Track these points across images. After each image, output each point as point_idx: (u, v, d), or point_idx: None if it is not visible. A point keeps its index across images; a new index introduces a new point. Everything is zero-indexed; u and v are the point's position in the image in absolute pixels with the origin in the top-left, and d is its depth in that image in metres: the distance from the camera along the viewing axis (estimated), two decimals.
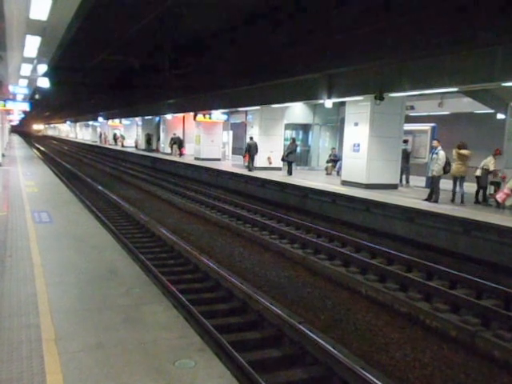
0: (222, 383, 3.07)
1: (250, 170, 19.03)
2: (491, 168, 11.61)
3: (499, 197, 11.20)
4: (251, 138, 19.98)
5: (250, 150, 19.42)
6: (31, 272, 5.15)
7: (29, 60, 12.95)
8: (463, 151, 11.84)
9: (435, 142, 12.17)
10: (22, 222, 7.82)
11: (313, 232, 10.93)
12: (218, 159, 25.50)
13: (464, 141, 12.28)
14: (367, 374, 4.35)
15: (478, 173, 11.80)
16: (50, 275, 5.09)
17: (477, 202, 11.77)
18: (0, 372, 3.09)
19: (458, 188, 12.15)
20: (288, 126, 21.71)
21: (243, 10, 12.96)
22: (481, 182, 11.81)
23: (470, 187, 12.61)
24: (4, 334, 3.66)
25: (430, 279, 7.69)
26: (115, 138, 44.90)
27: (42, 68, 15.04)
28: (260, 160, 19.91)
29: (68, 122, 68.54)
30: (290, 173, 17.98)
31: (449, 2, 9.30)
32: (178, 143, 29.14)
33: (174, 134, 30.35)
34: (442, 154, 11.81)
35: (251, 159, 19.41)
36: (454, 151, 12.04)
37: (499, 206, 11.15)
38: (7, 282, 4.81)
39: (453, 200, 12.04)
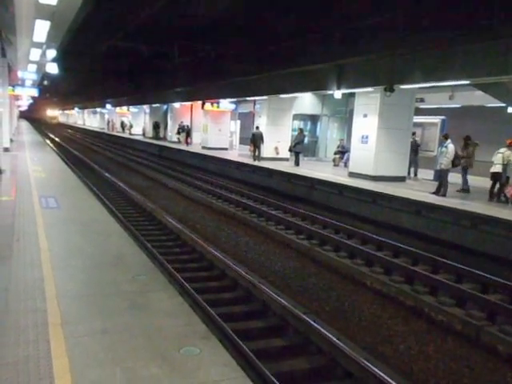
0: (226, 371, 3.08)
1: (255, 160, 18.95)
2: None
3: (507, 191, 11.10)
4: (257, 128, 19.86)
5: (255, 140, 19.33)
6: (38, 257, 5.19)
7: (38, 45, 12.93)
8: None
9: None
10: (30, 207, 7.87)
11: (319, 223, 10.90)
12: (226, 149, 25.45)
13: (470, 134, 12.59)
14: (371, 366, 4.35)
15: (499, 169, 11.12)
16: (57, 260, 5.12)
17: (491, 198, 11.37)
18: (7, 355, 3.12)
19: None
20: (296, 117, 21.59)
21: None
22: (503, 178, 11.22)
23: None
24: (11, 317, 3.69)
25: (435, 272, 7.66)
26: (123, 126, 44.97)
27: (51, 53, 15.02)
28: (267, 150, 19.83)
29: (76, 109, 68.62)
30: (297, 163, 17.91)
31: None
32: (187, 131, 29.14)
33: (182, 122, 30.35)
34: (451, 147, 11.72)
35: (257, 149, 19.32)
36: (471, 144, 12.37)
37: (508, 200, 11.05)
38: (15, 266, 4.85)
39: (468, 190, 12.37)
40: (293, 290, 7.03)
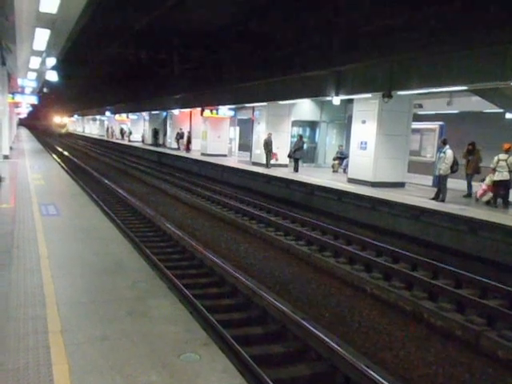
0: (226, 377, 3.09)
1: (267, 167, 18.82)
2: None
3: (478, 192, 11.59)
4: (269, 135, 19.45)
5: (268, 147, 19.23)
6: (38, 264, 5.19)
7: (38, 53, 13.00)
8: None
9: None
10: (29, 214, 7.88)
11: (318, 229, 10.91)
12: (225, 155, 25.51)
13: (469, 140, 12.65)
14: (371, 372, 4.35)
15: (506, 176, 10.93)
16: (57, 267, 5.13)
17: (495, 203, 11.35)
18: (7, 362, 3.12)
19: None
20: (295, 123, 21.63)
21: (251, 5, 12.92)
22: (509, 185, 11.13)
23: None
24: (11, 324, 3.69)
25: (435, 278, 7.67)
26: (122, 133, 45.11)
27: (51, 61, 15.10)
28: (265, 156, 19.82)
29: (75, 116, 68.63)
30: (296, 170, 17.93)
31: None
32: (186, 139, 29.20)
33: (180, 129, 30.46)
34: (449, 153, 11.75)
35: (267, 156, 19.28)
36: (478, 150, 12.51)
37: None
38: (14, 273, 4.85)
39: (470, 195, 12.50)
40: (292, 296, 7.03)
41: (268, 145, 19.09)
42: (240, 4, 12.96)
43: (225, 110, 24.72)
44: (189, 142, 28.93)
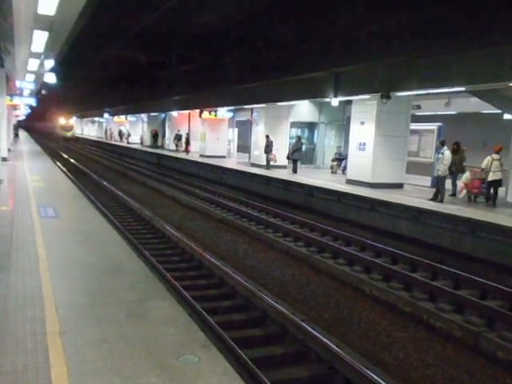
0: (225, 379, 3.08)
1: (267, 168, 18.88)
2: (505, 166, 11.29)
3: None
4: (267, 137, 19.43)
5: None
6: (36, 266, 5.18)
7: (36, 55, 12.99)
8: None
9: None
10: (28, 216, 7.86)
11: (317, 230, 10.91)
12: (224, 156, 25.52)
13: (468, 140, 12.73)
14: (370, 373, 4.34)
15: (499, 176, 11.22)
16: (55, 269, 5.12)
17: (488, 202, 11.58)
18: (5, 365, 3.11)
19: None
20: (293, 124, 21.66)
21: (250, 7, 12.93)
22: (501, 184, 11.38)
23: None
24: (9, 326, 3.68)
25: (434, 279, 7.67)
26: (121, 135, 45.09)
27: (49, 63, 15.08)
28: (265, 158, 19.87)
29: (74, 118, 68.32)
30: (294, 171, 17.94)
31: (457, 1, 9.24)
32: (185, 140, 29.24)
33: (178, 131, 30.49)
34: (447, 154, 11.78)
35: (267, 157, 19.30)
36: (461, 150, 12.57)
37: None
38: (13, 276, 4.84)
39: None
40: (291, 298, 7.02)
41: (267, 147, 19.15)
42: (239, 6, 12.97)
43: (223, 112, 24.75)
44: (188, 143, 28.97)
